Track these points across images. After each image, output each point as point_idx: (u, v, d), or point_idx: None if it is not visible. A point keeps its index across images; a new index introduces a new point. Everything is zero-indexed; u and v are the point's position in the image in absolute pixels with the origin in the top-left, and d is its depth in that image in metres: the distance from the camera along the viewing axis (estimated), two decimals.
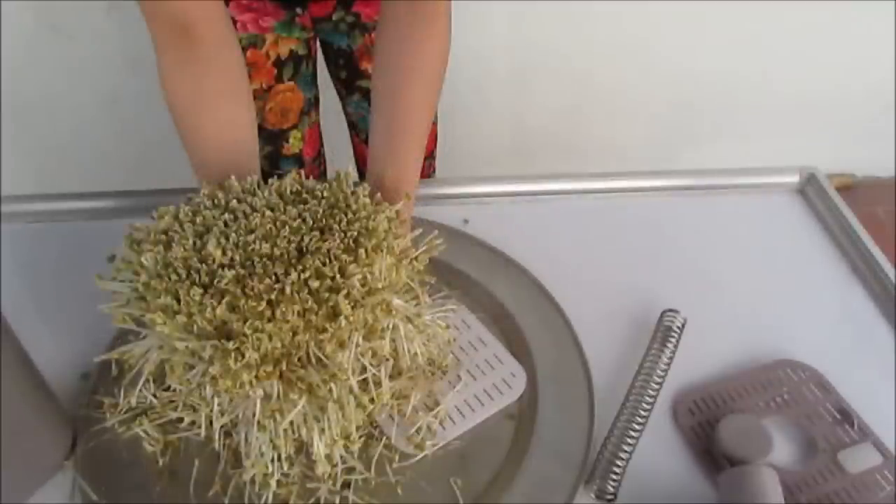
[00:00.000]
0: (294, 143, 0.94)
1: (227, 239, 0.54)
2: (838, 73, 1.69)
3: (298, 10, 0.87)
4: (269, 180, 0.61)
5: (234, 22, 0.85)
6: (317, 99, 0.98)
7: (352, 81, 0.96)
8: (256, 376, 0.50)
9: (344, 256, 0.53)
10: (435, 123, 1.00)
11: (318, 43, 0.95)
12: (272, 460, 0.55)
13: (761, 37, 1.60)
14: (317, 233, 0.55)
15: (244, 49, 0.86)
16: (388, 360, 0.57)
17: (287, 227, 0.55)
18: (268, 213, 0.56)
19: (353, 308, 0.52)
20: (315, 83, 0.96)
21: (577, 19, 1.54)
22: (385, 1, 0.68)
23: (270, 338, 0.50)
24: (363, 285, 0.53)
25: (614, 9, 1.52)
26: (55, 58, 1.45)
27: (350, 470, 0.57)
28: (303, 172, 0.62)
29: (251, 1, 0.84)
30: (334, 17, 0.89)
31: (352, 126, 1.03)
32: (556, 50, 1.59)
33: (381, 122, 0.69)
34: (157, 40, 0.64)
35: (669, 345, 0.66)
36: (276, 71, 0.88)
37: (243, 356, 0.49)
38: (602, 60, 1.62)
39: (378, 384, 0.57)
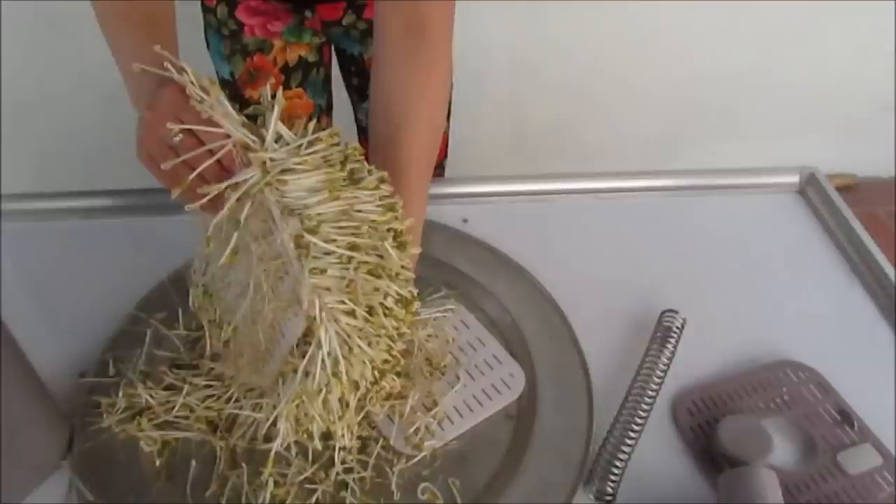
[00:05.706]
0: None
1: None
2: (838, 73, 1.69)
3: (307, 14, 0.87)
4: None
5: (243, 26, 0.85)
6: (329, 105, 0.97)
7: (363, 88, 0.95)
8: None
9: None
10: (445, 133, 0.98)
11: (332, 49, 0.94)
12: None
13: (761, 37, 1.60)
14: None
15: (252, 53, 0.86)
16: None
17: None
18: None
19: None
20: (327, 90, 0.95)
21: (578, 20, 1.54)
22: (384, 42, 0.65)
23: None
24: None
25: (614, 10, 1.52)
26: (55, 57, 1.44)
27: (348, 470, 0.57)
28: None
29: (259, 4, 0.84)
30: (344, 22, 0.88)
31: (362, 132, 1.03)
32: (557, 50, 1.59)
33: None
34: None
35: (669, 345, 0.65)
36: (283, 77, 0.88)
37: None
38: (602, 61, 1.62)
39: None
